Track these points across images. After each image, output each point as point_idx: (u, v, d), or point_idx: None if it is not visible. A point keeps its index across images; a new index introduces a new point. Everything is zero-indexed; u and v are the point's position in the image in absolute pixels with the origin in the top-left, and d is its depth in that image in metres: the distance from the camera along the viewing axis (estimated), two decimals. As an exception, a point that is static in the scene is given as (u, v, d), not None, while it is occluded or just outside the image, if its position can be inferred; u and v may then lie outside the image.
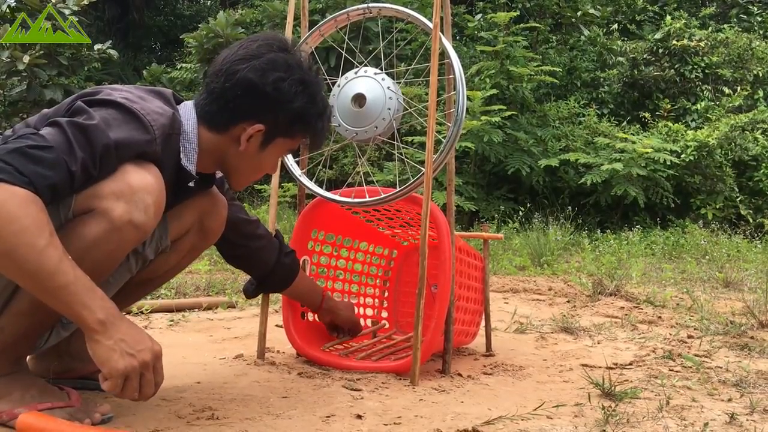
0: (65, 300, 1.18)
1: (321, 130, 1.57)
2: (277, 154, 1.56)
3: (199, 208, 1.61)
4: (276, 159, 1.58)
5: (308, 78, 1.50)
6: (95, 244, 1.26)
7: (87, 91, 1.38)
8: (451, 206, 1.99)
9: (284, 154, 1.62)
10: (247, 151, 1.50)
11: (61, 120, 1.25)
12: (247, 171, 1.56)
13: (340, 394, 1.68)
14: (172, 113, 1.41)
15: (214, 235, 1.67)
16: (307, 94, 1.49)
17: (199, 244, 1.66)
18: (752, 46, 9.62)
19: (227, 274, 3.75)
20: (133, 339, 1.23)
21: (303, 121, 1.51)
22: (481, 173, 7.85)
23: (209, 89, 1.47)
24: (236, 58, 1.45)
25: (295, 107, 1.48)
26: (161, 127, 1.36)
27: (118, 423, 1.40)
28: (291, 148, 1.59)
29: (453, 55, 1.93)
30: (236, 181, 1.60)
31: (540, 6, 9.36)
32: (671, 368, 2.12)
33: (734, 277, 4.25)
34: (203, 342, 2.29)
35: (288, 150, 1.59)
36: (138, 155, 1.32)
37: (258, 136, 1.49)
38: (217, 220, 1.65)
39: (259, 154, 1.52)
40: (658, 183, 7.43)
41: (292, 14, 2.11)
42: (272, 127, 1.49)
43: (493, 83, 7.84)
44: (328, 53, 7.98)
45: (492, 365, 2.13)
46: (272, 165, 1.59)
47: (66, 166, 1.19)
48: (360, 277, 2.47)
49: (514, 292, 3.83)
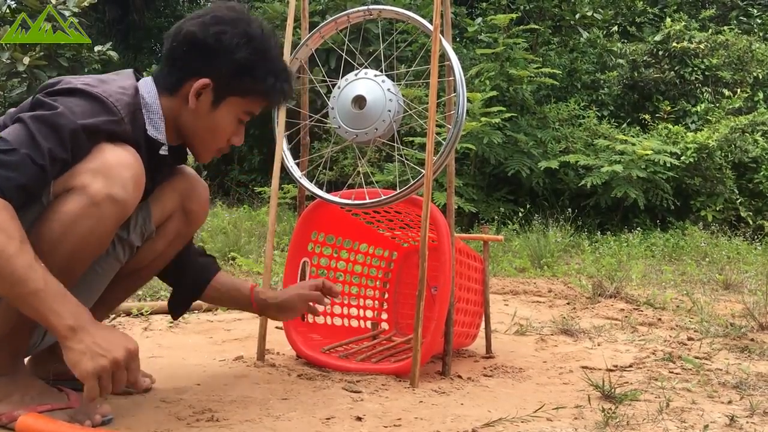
0: (35, 306, 1.18)
1: (275, 89, 1.50)
2: (232, 115, 1.50)
3: (178, 191, 1.60)
4: (232, 121, 1.51)
5: (255, 33, 1.47)
6: (75, 221, 1.26)
7: (48, 82, 1.38)
8: (451, 208, 1.99)
9: (242, 116, 1.53)
10: (199, 111, 1.47)
11: (24, 116, 1.25)
12: (204, 135, 1.51)
13: (340, 395, 1.68)
14: (133, 90, 1.42)
15: (198, 217, 1.65)
16: (252, 47, 1.45)
17: (185, 229, 1.64)
18: (752, 48, 9.62)
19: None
20: (105, 340, 1.21)
21: (249, 75, 1.46)
22: (481, 175, 7.85)
23: (162, 55, 1.49)
24: (186, 19, 1.47)
25: (237, 58, 1.44)
26: (126, 106, 1.37)
27: (117, 425, 1.39)
28: (247, 109, 1.52)
29: (453, 57, 1.93)
30: (197, 149, 1.54)
31: (540, 8, 9.36)
32: (671, 370, 2.12)
33: (734, 279, 4.24)
34: (203, 344, 2.29)
35: (244, 111, 1.51)
36: (109, 137, 1.32)
37: (207, 93, 1.46)
38: (199, 201, 1.64)
39: (213, 114, 1.48)
40: (658, 185, 7.43)
41: (292, 16, 2.11)
42: (219, 83, 1.45)
43: (493, 85, 7.83)
44: (329, 55, 7.98)
45: (492, 367, 2.13)
46: (230, 128, 1.52)
47: (31, 162, 1.20)
48: (360, 279, 2.47)
49: (514, 293, 3.83)
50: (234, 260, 4.23)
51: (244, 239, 4.87)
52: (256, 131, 9.45)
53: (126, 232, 1.51)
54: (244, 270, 4.03)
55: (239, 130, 1.55)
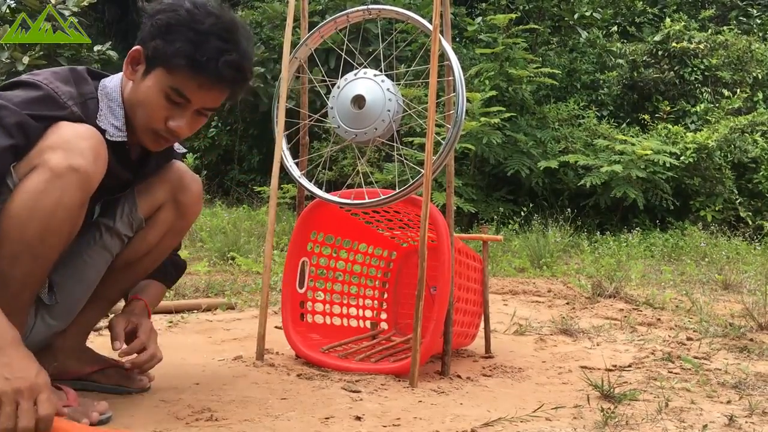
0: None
1: (181, 55, 1.37)
2: (157, 88, 1.40)
3: (168, 182, 1.60)
4: (158, 95, 1.40)
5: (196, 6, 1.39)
6: (39, 197, 1.25)
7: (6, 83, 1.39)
8: (450, 208, 1.99)
9: (169, 93, 1.40)
10: (134, 82, 1.43)
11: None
12: (137, 110, 1.43)
13: (339, 395, 1.68)
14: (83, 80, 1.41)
15: (191, 211, 1.63)
16: (176, 12, 1.38)
17: (178, 222, 1.63)
18: (751, 49, 9.62)
19: (226, 276, 3.74)
20: (18, 366, 1.17)
21: (163, 37, 1.38)
22: (480, 175, 7.85)
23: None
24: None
25: (158, 19, 1.39)
26: (74, 97, 1.36)
27: (116, 424, 1.39)
28: (171, 84, 1.39)
29: (452, 56, 1.93)
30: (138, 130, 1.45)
31: (539, 8, 9.37)
32: (670, 370, 2.12)
33: (733, 280, 4.25)
34: (202, 343, 2.29)
35: (168, 85, 1.39)
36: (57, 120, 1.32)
37: (140, 62, 1.41)
38: (191, 194, 1.62)
39: (141, 86, 1.41)
40: (658, 185, 7.43)
41: (291, 16, 2.11)
42: (148, 49, 1.40)
43: (493, 85, 7.84)
44: (328, 55, 7.98)
45: (491, 367, 2.13)
46: (157, 103, 1.41)
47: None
48: (359, 279, 2.47)
49: (513, 293, 3.83)
50: (233, 260, 4.23)
51: (244, 239, 4.87)
52: (256, 131, 9.46)
53: (112, 220, 1.53)
54: (243, 270, 4.03)
55: (176, 113, 1.42)
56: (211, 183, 9.26)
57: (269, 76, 8.79)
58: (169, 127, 1.43)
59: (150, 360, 1.58)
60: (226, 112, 9.39)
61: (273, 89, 7.20)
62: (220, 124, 9.66)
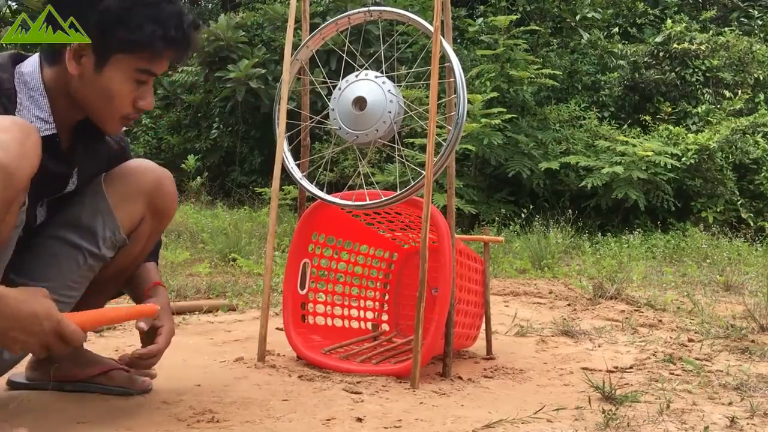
0: None
1: (158, 37, 1.33)
2: (123, 76, 1.35)
3: (145, 191, 1.54)
4: (125, 82, 1.36)
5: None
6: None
7: None
8: (451, 209, 1.99)
9: (137, 76, 1.37)
10: (85, 77, 1.34)
11: None
12: (99, 103, 1.36)
13: (341, 397, 1.68)
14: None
15: (168, 213, 1.60)
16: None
17: (157, 226, 1.60)
18: (753, 50, 9.62)
19: (228, 277, 3.75)
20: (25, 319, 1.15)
21: (124, 25, 1.31)
22: (481, 176, 7.85)
23: None
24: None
25: (106, 4, 1.30)
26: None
27: (118, 426, 1.40)
28: (139, 66, 1.36)
29: (453, 58, 1.93)
30: (98, 120, 1.41)
31: (540, 9, 9.37)
32: (672, 372, 2.12)
33: (735, 281, 4.24)
34: (203, 345, 2.29)
35: (136, 69, 1.36)
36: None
37: (88, 55, 1.33)
38: (167, 197, 1.58)
39: (100, 79, 1.34)
40: (659, 186, 7.43)
41: (293, 17, 2.11)
42: (96, 39, 1.31)
43: (494, 86, 7.84)
44: (329, 56, 7.99)
45: (492, 368, 2.13)
46: (126, 91, 1.37)
47: None
48: (360, 280, 2.47)
49: (514, 295, 3.83)
50: (234, 261, 4.23)
51: (245, 240, 4.87)
52: (257, 133, 9.47)
53: (95, 246, 1.49)
54: (244, 271, 4.03)
55: (143, 92, 1.39)
56: (212, 184, 9.26)
57: (270, 78, 8.80)
58: (140, 107, 1.40)
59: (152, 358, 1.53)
60: (228, 113, 9.41)
61: (274, 91, 7.19)
62: (222, 126, 9.68)
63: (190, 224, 5.59)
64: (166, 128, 10.21)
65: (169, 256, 4.11)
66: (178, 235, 5.23)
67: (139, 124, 10.08)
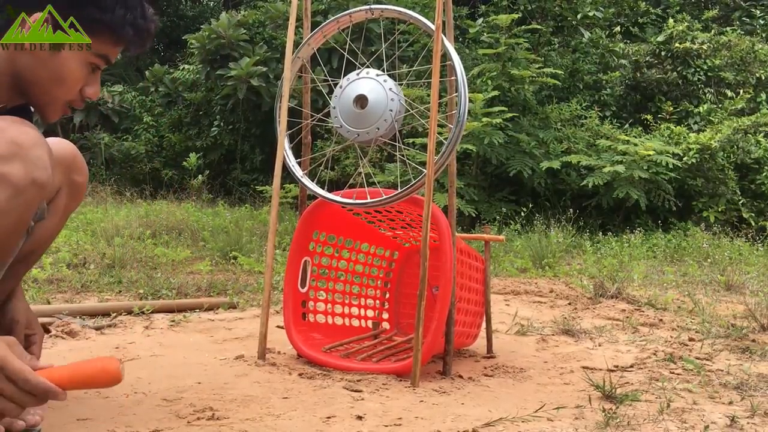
0: None
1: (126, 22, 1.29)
2: (79, 58, 1.30)
3: (64, 164, 1.46)
4: (80, 66, 1.32)
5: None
6: (1, 214, 1.15)
7: None
8: (452, 207, 1.99)
9: (93, 60, 1.33)
10: (39, 55, 1.27)
11: None
12: (48, 85, 1.30)
13: (341, 395, 1.69)
14: None
15: (81, 189, 1.54)
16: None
17: (70, 203, 1.53)
18: (755, 49, 9.60)
19: (228, 275, 3.75)
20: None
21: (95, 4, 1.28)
22: (482, 175, 7.85)
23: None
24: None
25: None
26: None
27: (118, 423, 1.40)
28: (97, 50, 1.32)
29: (455, 56, 1.93)
30: (42, 104, 1.34)
31: (542, 8, 9.36)
32: (672, 371, 2.12)
33: (736, 281, 4.24)
34: (204, 342, 2.29)
35: (93, 53, 1.32)
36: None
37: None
38: (82, 172, 1.52)
39: (56, 58, 1.28)
40: (660, 185, 7.42)
41: (294, 15, 2.11)
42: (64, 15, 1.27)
43: (495, 85, 7.83)
44: (331, 54, 7.98)
45: (493, 367, 2.13)
46: (78, 75, 1.32)
47: None
48: (361, 279, 2.47)
49: (515, 294, 3.82)
50: (235, 259, 4.23)
51: (246, 238, 4.87)
52: (258, 131, 9.47)
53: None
54: (245, 269, 4.03)
55: (92, 80, 1.35)
56: (213, 182, 9.26)
57: (272, 76, 8.80)
58: (86, 94, 1.36)
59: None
60: (229, 111, 9.41)
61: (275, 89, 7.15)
62: (223, 124, 9.68)
63: (191, 222, 5.59)
64: (168, 126, 10.21)
65: (170, 254, 4.12)
66: (179, 233, 5.23)
67: (140, 122, 10.08)
